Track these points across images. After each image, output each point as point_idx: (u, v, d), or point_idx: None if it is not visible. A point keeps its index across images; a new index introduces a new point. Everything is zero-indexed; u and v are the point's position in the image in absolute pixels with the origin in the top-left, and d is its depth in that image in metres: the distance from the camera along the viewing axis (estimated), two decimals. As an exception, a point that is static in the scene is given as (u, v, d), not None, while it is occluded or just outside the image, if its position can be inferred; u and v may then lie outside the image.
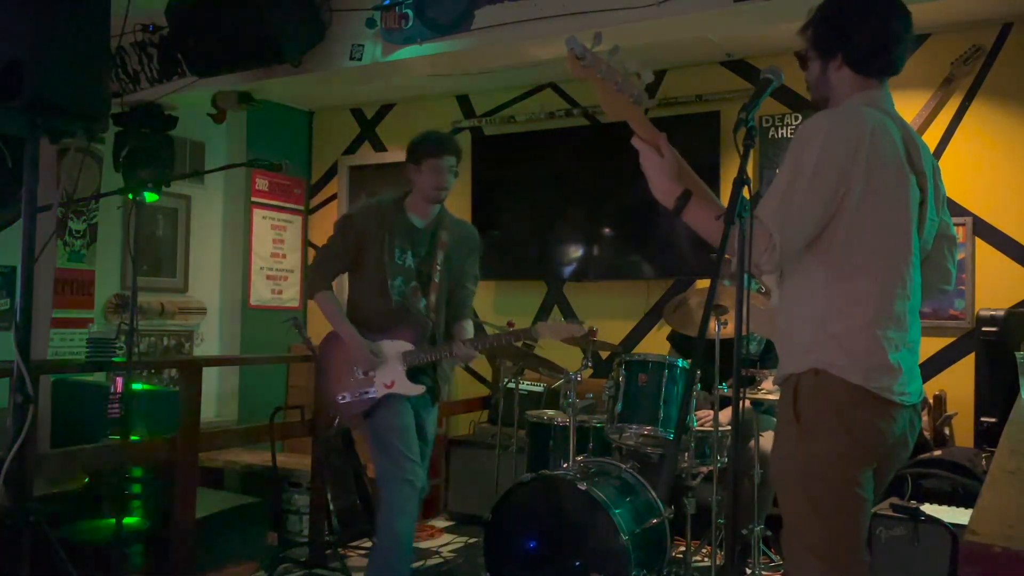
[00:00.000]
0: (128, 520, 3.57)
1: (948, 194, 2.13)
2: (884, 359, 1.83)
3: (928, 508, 2.88)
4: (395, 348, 3.12)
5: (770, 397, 3.41)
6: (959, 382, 4.23)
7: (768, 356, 3.93)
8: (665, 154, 1.88)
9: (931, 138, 4.37)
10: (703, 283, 4.81)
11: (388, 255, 3.13)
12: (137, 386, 4.31)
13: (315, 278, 3.23)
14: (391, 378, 3.10)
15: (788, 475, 1.91)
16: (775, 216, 1.78)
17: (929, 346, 4.35)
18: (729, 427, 3.38)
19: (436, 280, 3.17)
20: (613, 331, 5.20)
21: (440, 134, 3.28)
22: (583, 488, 3.16)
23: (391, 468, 3.03)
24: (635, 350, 5.05)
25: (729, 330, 3.37)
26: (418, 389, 3.13)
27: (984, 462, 3.46)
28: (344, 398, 3.15)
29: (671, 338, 4.35)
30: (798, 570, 1.90)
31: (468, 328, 3.24)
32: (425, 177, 3.15)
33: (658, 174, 1.88)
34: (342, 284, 3.44)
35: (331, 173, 6.37)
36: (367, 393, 3.11)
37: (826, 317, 1.86)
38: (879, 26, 1.94)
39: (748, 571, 3.50)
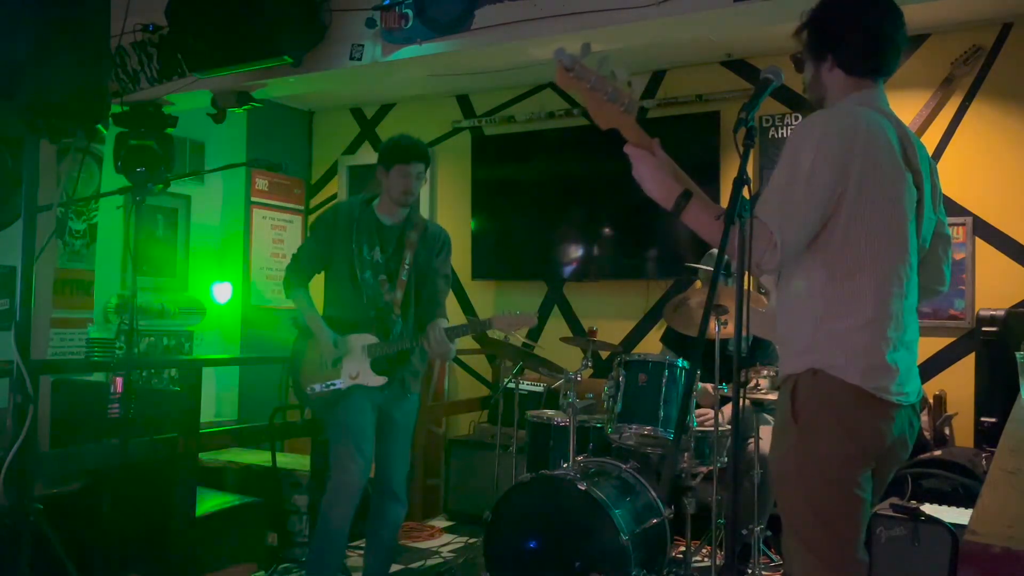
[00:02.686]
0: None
1: (949, 194, 2.13)
2: (882, 359, 1.83)
3: (928, 508, 2.88)
4: (361, 341, 3.23)
5: (769, 397, 3.41)
6: (959, 382, 4.23)
7: (759, 351, 3.92)
8: (659, 155, 1.89)
9: (931, 138, 4.37)
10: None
11: (357, 250, 3.24)
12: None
13: (290, 278, 3.39)
14: (356, 370, 3.23)
15: (787, 475, 1.91)
16: (775, 216, 1.78)
17: (929, 346, 4.35)
18: (729, 427, 3.38)
19: (403, 277, 3.26)
20: (613, 331, 5.20)
21: (411, 140, 3.34)
22: (583, 488, 3.16)
23: (337, 465, 3.21)
24: (635, 350, 5.05)
25: (729, 330, 3.38)
26: (380, 380, 3.23)
27: (984, 462, 3.46)
28: (313, 389, 3.29)
29: (664, 339, 4.35)
30: (796, 568, 1.91)
31: (442, 326, 3.27)
32: (393, 181, 3.25)
33: (656, 173, 1.88)
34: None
35: (331, 173, 6.38)
36: (334, 384, 3.25)
37: (824, 317, 1.86)
38: (869, 28, 1.95)
39: (748, 571, 3.50)
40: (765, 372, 3.52)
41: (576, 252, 5.35)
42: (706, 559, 3.92)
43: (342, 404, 3.24)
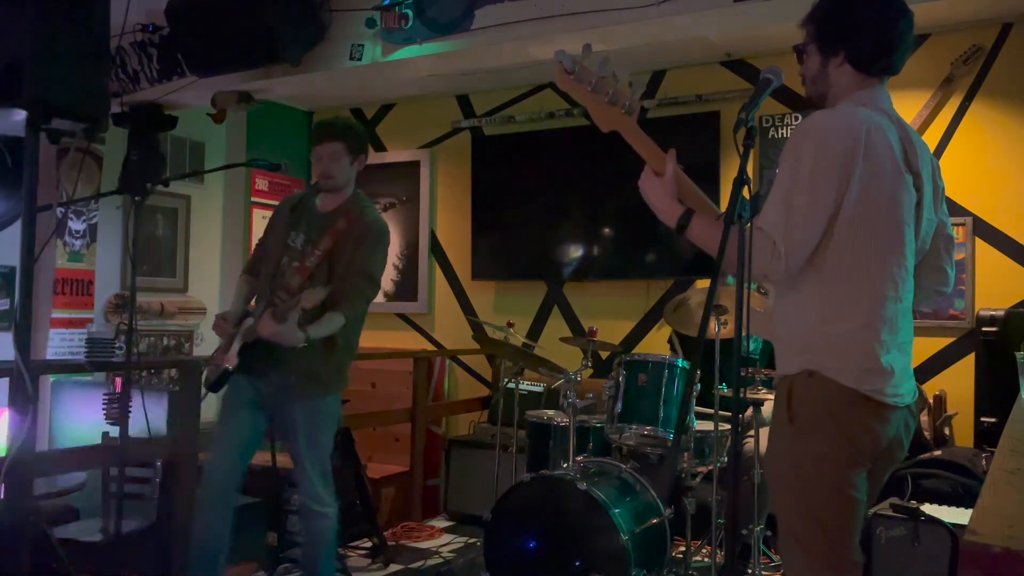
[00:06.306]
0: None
1: (949, 194, 2.13)
2: (876, 362, 1.84)
3: (928, 508, 2.88)
4: (246, 323, 3.00)
5: (770, 397, 3.41)
6: (959, 382, 4.23)
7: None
8: (668, 168, 1.88)
9: (931, 138, 4.38)
10: (703, 283, 4.81)
11: (284, 236, 3.12)
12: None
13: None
14: (233, 352, 2.97)
15: (782, 475, 1.91)
16: (778, 225, 1.78)
17: (929, 346, 4.35)
18: (729, 427, 3.38)
19: (308, 264, 3.01)
20: (613, 331, 5.20)
21: (323, 121, 3.19)
22: (583, 488, 3.16)
23: (207, 456, 3.08)
24: (635, 350, 5.05)
25: (729, 330, 3.38)
26: (234, 361, 2.95)
27: (984, 462, 3.46)
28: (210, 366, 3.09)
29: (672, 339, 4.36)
30: (792, 569, 1.92)
31: (326, 318, 2.93)
32: (314, 167, 3.16)
33: (659, 197, 1.89)
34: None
35: (331, 173, 6.36)
36: (220, 364, 3.02)
37: (819, 319, 1.87)
38: (885, 26, 1.93)
39: (748, 571, 3.50)
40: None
41: (576, 252, 5.35)
42: (706, 559, 3.92)
43: (225, 392, 3.05)
